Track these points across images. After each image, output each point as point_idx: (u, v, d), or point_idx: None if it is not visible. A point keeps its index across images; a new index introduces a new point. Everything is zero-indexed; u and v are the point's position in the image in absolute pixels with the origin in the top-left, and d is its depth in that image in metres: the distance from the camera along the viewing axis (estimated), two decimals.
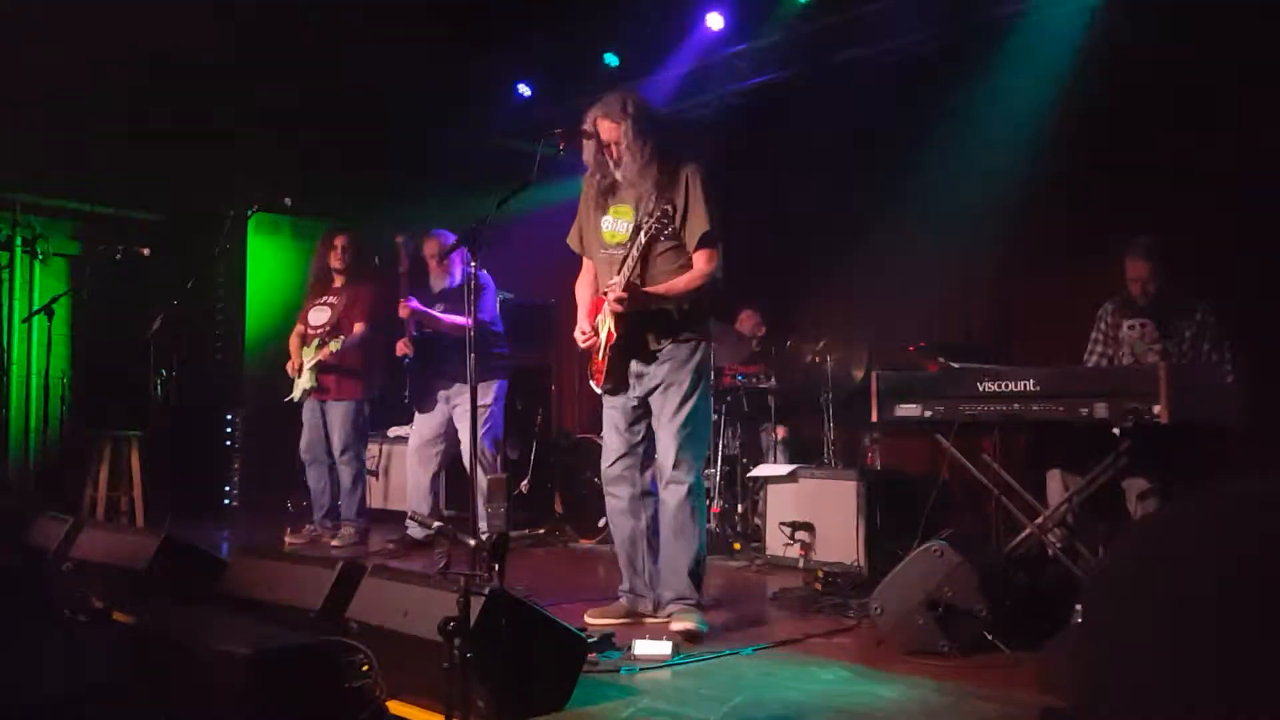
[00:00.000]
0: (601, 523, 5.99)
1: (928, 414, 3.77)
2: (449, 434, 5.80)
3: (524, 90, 8.02)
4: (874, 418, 3.91)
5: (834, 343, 5.85)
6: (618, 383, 3.77)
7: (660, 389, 3.71)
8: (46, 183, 7.03)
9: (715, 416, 5.76)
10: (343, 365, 5.87)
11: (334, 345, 5.80)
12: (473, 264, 3.54)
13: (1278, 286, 4.66)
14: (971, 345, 5.73)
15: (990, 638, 3.19)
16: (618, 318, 3.65)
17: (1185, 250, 4.46)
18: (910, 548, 3.46)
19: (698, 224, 3.64)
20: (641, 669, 3.09)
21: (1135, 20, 5.19)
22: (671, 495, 3.71)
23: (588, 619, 3.76)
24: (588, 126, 3.73)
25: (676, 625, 3.59)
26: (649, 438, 3.85)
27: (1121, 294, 4.38)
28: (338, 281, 6.04)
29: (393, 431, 7.07)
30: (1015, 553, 3.71)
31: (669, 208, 3.56)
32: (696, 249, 3.67)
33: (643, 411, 3.81)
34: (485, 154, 8.29)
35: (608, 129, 3.68)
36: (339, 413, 5.91)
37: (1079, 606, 3.19)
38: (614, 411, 3.86)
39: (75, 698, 2.68)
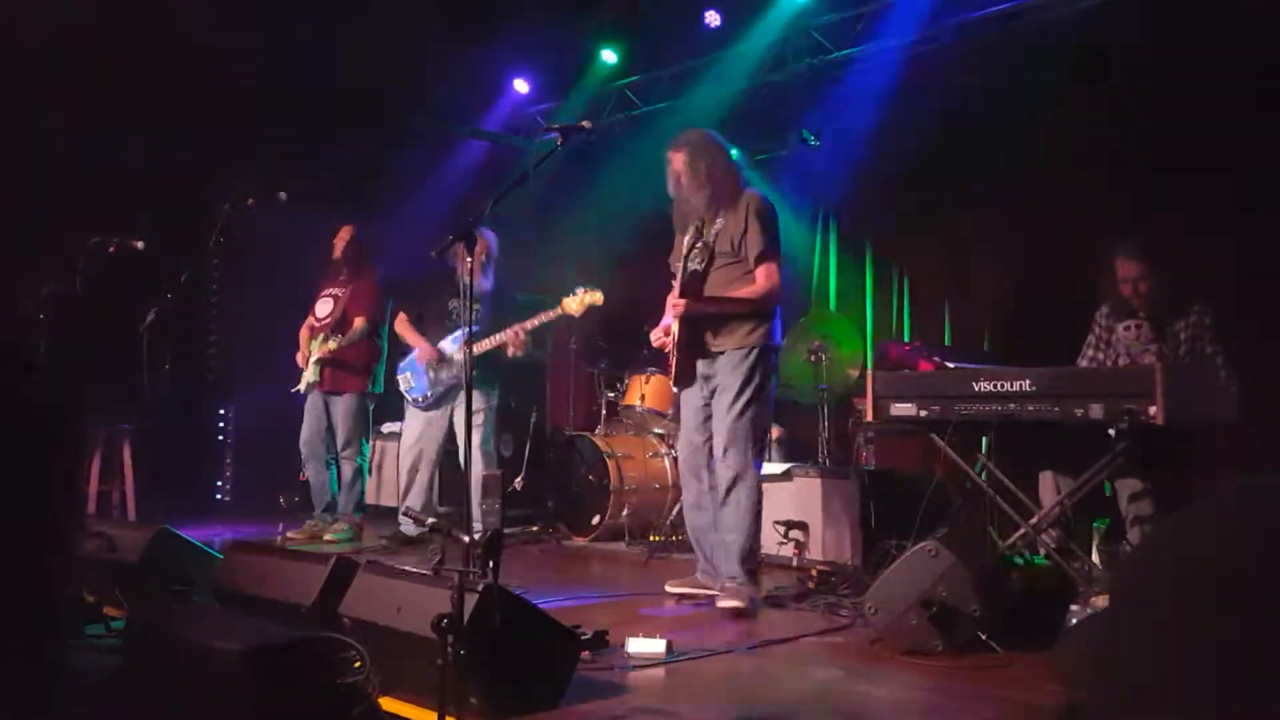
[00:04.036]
0: (595, 520, 5.99)
1: (923, 414, 3.77)
2: (449, 432, 5.80)
3: (521, 87, 8.01)
4: (869, 417, 3.92)
5: (829, 342, 5.84)
6: (688, 380, 4.24)
7: (718, 391, 4.15)
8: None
9: None
10: (346, 359, 5.89)
11: (332, 344, 5.81)
12: (468, 260, 3.54)
13: (1276, 286, 4.66)
14: (967, 345, 5.73)
15: (984, 638, 3.19)
16: (680, 321, 4.17)
17: (1184, 250, 4.45)
18: (904, 547, 3.46)
19: (754, 244, 4.10)
20: (635, 667, 3.09)
21: (1134, 17, 5.18)
22: (721, 484, 4.11)
23: (668, 587, 4.30)
24: (669, 158, 4.26)
25: (722, 603, 3.93)
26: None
27: (1116, 296, 4.37)
28: (344, 274, 6.06)
29: (385, 427, 7.04)
30: (1009, 552, 3.71)
31: (728, 228, 4.08)
32: (756, 265, 4.12)
33: (710, 413, 4.22)
34: (482, 150, 8.30)
35: (674, 159, 4.24)
36: (342, 406, 5.93)
37: (1099, 600, 3.21)
38: (688, 410, 4.31)
39: (67, 693, 2.66)
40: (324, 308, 6.02)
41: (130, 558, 3.68)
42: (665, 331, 4.34)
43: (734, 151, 4.38)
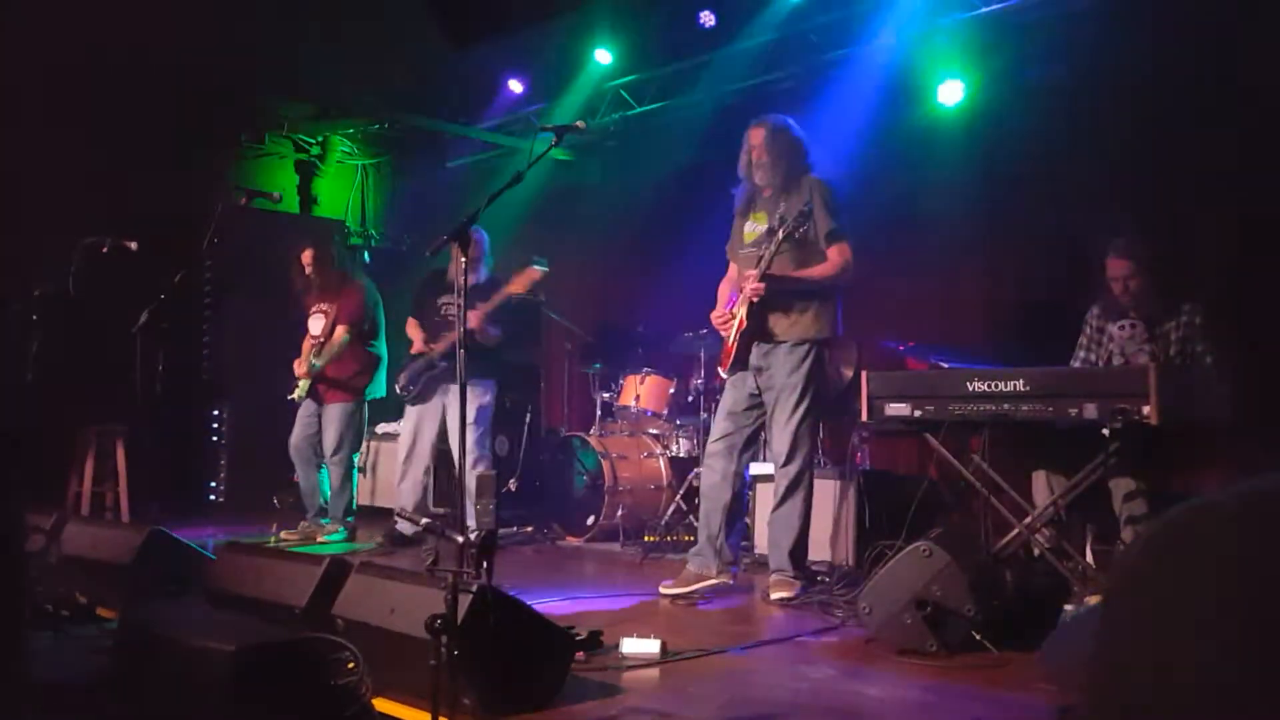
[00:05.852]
0: (590, 520, 5.98)
1: (917, 413, 3.76)
2: (444, 431, 5.78)
3: (515, 86, 8.00)
4: (864, 417, 3.91)
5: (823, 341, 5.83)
6: (741, 367, 4.30)
7: (776, 391, 4.21)
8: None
9: (704, 415, 5.77)
10: (335, 374, 5.90)
11: (313, 358, 5.81)
12: (463, 259, 3.53)
13: (1271, 286, 4.66)
14: (961, 345, 5.72)
15: (978, 637, 3.19)
16: (750, 307, 4.18)
17: (1180, 250, 4.46)
18: (899, 547, 3.46)
19: (823, 223, 4.21)
20: (629, 667, 3.08)
21: (1129, 18, 5.19)
22: (783, 484, 4.23)
23: (662, 590, 4.22)
24: (748, 134, 4.35)
25: (774, 594, 4.12)
26: (756, 428, 4.37)
27: (1106, 296, 4.37)
28: (326, 290, 6.03)
29: (380, 428, 7.03)
30: (1003, 552, 3.71)
31: (804, 211, 4.08)
32: (828, 245, 4.23)
33: (757, 403, 4.32)
34: (476, 149, 8.29)
35: (755, 134, 4.34)
36: (335, 414, 5.93)
37: (1093, 600, 3.21)
38: (732, 394, 4.37)
39: (59, 693, 2.66)
40: (316, 324, 6.01)
41: (124, 558, 3.67)
42: (728, 314, 4.36)
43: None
